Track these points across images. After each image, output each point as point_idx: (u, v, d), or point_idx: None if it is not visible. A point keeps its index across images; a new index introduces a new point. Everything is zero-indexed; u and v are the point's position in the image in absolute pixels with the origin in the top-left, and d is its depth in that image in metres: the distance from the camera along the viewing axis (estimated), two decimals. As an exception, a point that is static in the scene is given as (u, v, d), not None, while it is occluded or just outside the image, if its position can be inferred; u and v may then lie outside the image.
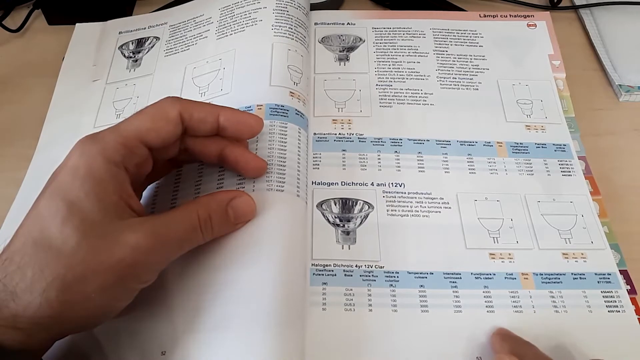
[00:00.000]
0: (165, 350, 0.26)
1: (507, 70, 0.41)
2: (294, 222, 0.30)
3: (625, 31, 0.46)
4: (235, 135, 0.29)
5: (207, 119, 0.28)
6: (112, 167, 0.24)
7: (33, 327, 0.22)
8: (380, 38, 0.43)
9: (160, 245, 0.24)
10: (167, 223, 0.25)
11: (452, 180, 0.35)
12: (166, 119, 0.26)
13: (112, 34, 0.44)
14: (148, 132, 0.26)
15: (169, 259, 0.25)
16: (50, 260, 0.22)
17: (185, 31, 0.43)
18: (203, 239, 0.27)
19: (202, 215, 0.26)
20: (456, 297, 0.30)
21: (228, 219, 0.27)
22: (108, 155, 0.24)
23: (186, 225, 0.25)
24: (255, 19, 0.40)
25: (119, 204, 0.24)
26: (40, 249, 0.22)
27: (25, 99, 0.43)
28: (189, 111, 0.27)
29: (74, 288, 0.22)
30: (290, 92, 0.35)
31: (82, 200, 0.23)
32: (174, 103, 0.27)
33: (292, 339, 0.27)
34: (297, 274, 0.29)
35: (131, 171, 0.25)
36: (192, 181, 0.32)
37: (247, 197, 0.28)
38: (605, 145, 0.39)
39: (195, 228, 0.26)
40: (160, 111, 0.26)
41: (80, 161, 0.24)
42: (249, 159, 0.30)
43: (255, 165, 0.30)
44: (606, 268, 0.32)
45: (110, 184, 0.24)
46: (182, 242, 0.26)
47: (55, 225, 0.22)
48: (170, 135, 0.27)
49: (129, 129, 0.26)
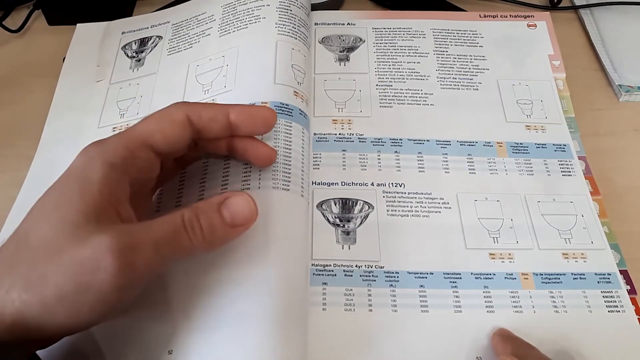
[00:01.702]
0: (172, 349, 0.26)
1: (507, 71, 0.41)
2: (297, 222, 0.31)
3: (625, 31, 0.46)
4: (250, 131, 0.29)
5: (217, 117, 0.27)
6: (107, 168, 0.23)
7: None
8: (381, 38, 0.43)
9: (131, 246, 0.21)
10: (146, 225, 0.22)
11: (452, 181, 0.35)
12: (171, 121, 0.26)
13: (115, 34, 0.44)
14: (153, 135, 0.25)
15: (143, 268, 0.22)
16: (22, 257, 0.21)
17: (188, 29, 0.43)
18: (191, 243, 0.23)
19: (187, 216, 0.23)
20: (456, 297, 0.31)
21: (223, 221, 0.24)
22: (106, 157, 0.24)
23: (166, 225, 0.23)
24: (258, 16, 0.40)
25: (104, 207, 0.22)
26: (20, 246, 0.22)
27: (26, 99, 0.43)
28: (197, 112, 0.27)
29: (34, 288, 0.21)
30: (294, 92, 0.35)
31: (67, 200, 0.22)
32: (181, 106, 0.27)
33: (295, 338, 0.27)
34: (301, 274, 0.29)
35: (133, 175, 0.25)
36: (196, 179, 0.32)
37: (244, 195, 0.25)
38: (605, 145, 0.39)
39: (177, 229, 0.23)
40: (166, 114, 0.26)
41: (80, 163, 0.24)
42: (259, 147, 0.30)
43: (265, 152, 0.30)
44: (606, 268, 0.32)
45: (100, 186, 0.23)
46: (158, 244, 0.22)
47: (38, 224, 0.22)
48: (177, 138, 0.26)
49: (133, 132, 0.25)
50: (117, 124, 0.38)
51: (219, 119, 0.27)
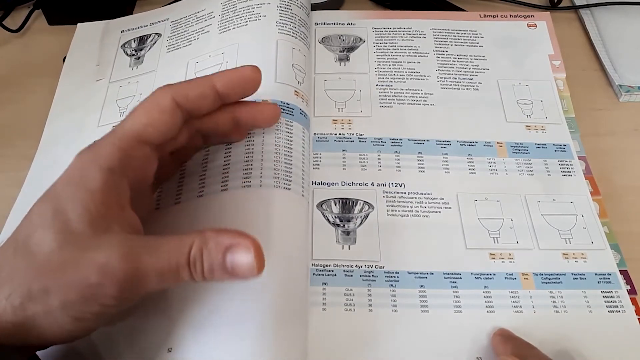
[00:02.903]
0: (171, 347, 0.26)
1: (507, 71, 0.41)
2: (298, 221, 0.31)
3: (625, 31, 0.46)
4: (240, 94, 0.28)
5: (204, 93, 0.26)
6: (106, 174, 0.23)
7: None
8: (381, 38, 0.43)
9: (134, 271, 0.21)
10: (152, 248, 0.22)
11: (452, 181, 0.35)
12: (160, 110, 0.25)
13: (114, 33, 0.44)
14: (145, 129, 0.24)
15: (143, 289, 0.22)
16: (23, 265, 0.21)
17: (187, 26, 0.43)
18: (191, 277, 0.23)
19: (193, 252, 0.22)
20: (456, 297, 0.31)
21: (223, 267, 0.23)
22: (102, 161, 0.23)
23: (171, 256, 0.22)
24: (258, 14, 0.40)
25: (107, 215, 0.22)
26: (19, 253, 0.21)
27: (26, 99, 0.43)
28: (183, 93, 0.25)
29: (37, 299, 0.21)
30: (295, 91, 0.35)
31: (68, 209, 0.22)
32: (165, 91, 0.25)
33: (294, 339, 0.27)
34: (300, 274, 0.29)
35: (132, 175, 0.24)
36: (195, 176, 0.32)
37: (250, 252, 0.23)
38: (606, 146, 0.39)
39: (181, 264, 0.22)
40: (153, 103, 0.25)
41: (75, 169, 0.23)
42: (263, 109, 0.29)
43: (270, 111, 0.30)
44: (606, 268, 0.32)
45: (101, 193, 0.22)
46: (162, 275, 0.22)
47: (38, 231, 0.22)
48: (168, 126, 0.25)
49: (124, 131, 0.24)
50: (117, 122, 0.38)
51: (207, 94, 0.26)
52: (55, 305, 0.21)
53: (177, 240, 0.23)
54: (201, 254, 0.22)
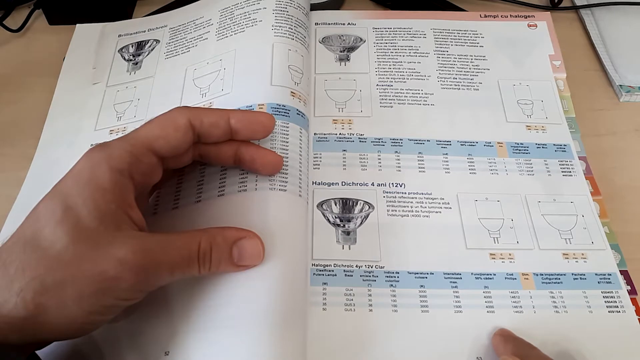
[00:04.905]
0: (168, 351, 0.26)
1: (507, 71, 0.41)
2: (296, 222, 0.30)
3: (625, 31, 0.46)
4: (250, 136, 0.29)
5: (218, 123, 0.28)
6: (115, 175, 0.24)
7: (4, 326, 0.21)
8: (381, 38, 0.43)
9: (149, 265, 0.23)
10: (164, 244, 0.24)
11: (452, 181, 0.35)
12: (175, 127, 0.26)
13: (111, 36, 0.44)
14: (157, 140, 0.26)
15: (157, 282, 0.24)
16: (34, 260, 0.21)
17: (185, 33, 0.43)
18: (199, 271, 0.25)
19: (203, 246, 0.25)
20: (456, 298, 0.30)
21: (230, 258, 0.26)
22: (113, 163, 0.24)
23: (183, 251, 0.24)
24: (255, 19, 0.40)
25: (117, 213, 0.23)
26: (29, 249, 0.22)
27: (26, 99, 0.43)
28: (199, 117, 0.27)
29: (51, 292, 0.21)
30: (291, 92, 0.35)
31: (79, 206, 0.22)
32: (183, 111, 0.27)
33: (294, 339, 0.27)
34: (299, 274, 0.29)
35: (137, 180, 0.25)
36: (193, 181, 0.32)
37: (256, 240, 0.27)
38: (606, 146, 0.39)
39: (192, 257, 0.24)
40: (169, 120, 0.26)
41: (85, 167, 0.24)
42: (266, 154, 0.30)
43: (272, 159, 0.30)
44: (606, 268, 0.32)
45: (111, 193, 0.23)
46: (173, 268, 0.24)
47: (48, 227, 0.22)
48: (179, 143, 0.26)
49: (137, 137, 0.25)
50: (114, 126, 0.38)
51: (220, 124, 0.28)
52: (70, 298, 0.21)
53: (187, 236, 0.25)
54: (210, 249, 0.25)
